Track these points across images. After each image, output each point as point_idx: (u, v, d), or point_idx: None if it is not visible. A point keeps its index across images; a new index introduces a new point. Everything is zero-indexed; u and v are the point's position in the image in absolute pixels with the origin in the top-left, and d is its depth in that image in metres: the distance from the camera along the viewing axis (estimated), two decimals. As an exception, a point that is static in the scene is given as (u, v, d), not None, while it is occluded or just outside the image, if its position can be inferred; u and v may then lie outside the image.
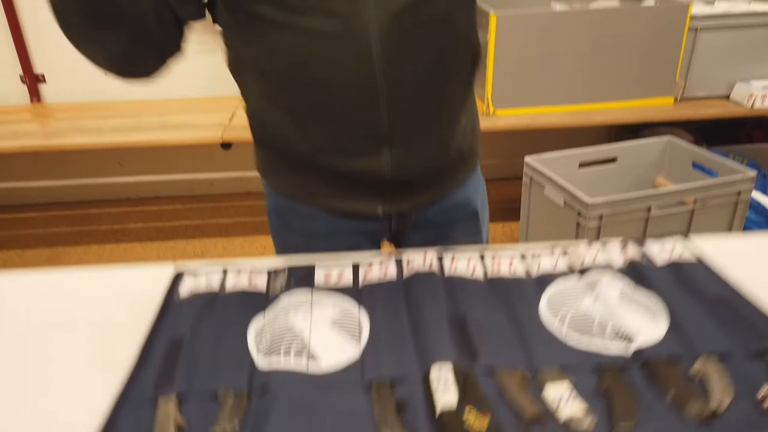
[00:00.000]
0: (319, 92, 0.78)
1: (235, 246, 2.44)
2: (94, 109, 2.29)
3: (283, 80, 0.79)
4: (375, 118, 0.78)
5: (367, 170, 0.83)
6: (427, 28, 0.76)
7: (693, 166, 1.99)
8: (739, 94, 2.11)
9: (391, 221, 0.93)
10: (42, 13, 2.29)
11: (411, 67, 0.77)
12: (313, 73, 0.76)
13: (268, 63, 0.78)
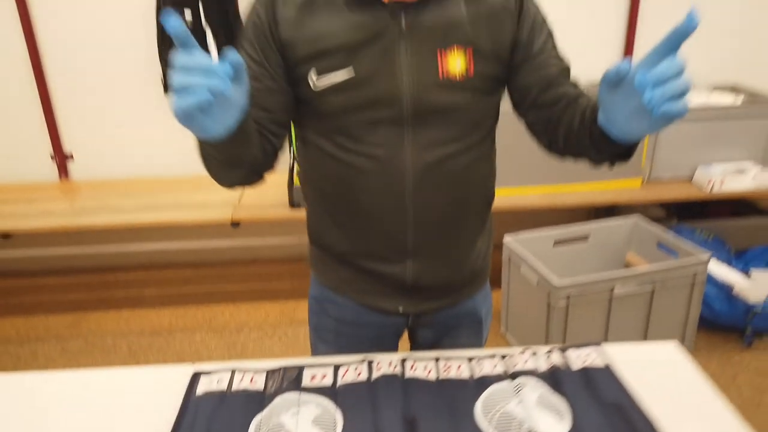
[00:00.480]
0: (362, 212, 1.03)
1: (240, 312, 2.64)
2: (117, 186, 2.53)
3: (335, 199, 1.05)
4: (403, 236, 1.03)
5: (393, 275, 1.06)
6: (450, 177, 1.01)
7: (658, 246, 2.19)
8: (700, 178, 2.33)
9: (409, 318, 1.14)
10: (72, 96, 2.56)
11: (435, 204, 1.02)
12: (358, 198, 1.01)
13: (326, 185, 1.05)
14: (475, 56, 0.95)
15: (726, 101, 2.41)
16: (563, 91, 0.98)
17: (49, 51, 2.49)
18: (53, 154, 2.63)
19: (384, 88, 0.94)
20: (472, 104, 0.99)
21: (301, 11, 0.93)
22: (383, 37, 0.93)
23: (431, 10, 0.94)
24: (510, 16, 0.97)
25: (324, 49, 0.93)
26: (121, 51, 2.50)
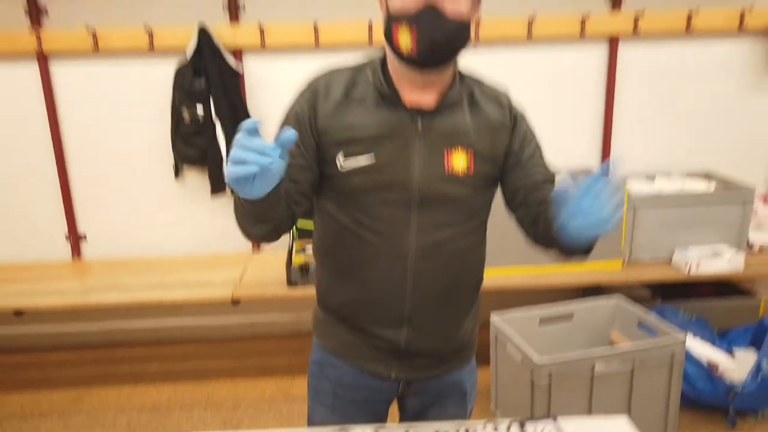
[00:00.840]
0: (367, 279, 1.19)
1: (238, 388, 2.71)
2: (126, 266, 2.67)
3: (344, 266, 1.22)
4: (401, 305, 1.19)
5: (389, 339, 1.22)
6: (447, 257, 1.19)
7: (639, 326, 2.28)
8: (678, 260, 2.44)
9: (399, 385, 1.28)
10: (89, 180, 2.75)
11: (432, 279, 1.19)
12: (364, 267, 1.19)
13: (338, 252, 1.22)
14: (475, 158, 1.16)
15: (699, 188, 2.56)
16: (545, 196, 1.17)
17: (71, 137, 2.71)
18: (68, 235, 2.79)
19: (398, 175, 1.14)
20: (471, 197, 1.19)
21: (338, 106, 1.15)
22: (402, 134, 1.14)
23: (443, 117, 1.16)
24: (506, 129, 1.20)
25: (353, 137, 1.13)
26: (137, 139, 2.71)
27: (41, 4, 2.56)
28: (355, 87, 1.17)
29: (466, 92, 1.19)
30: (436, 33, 1.06)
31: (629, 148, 2.82)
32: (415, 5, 1.05)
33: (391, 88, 1.15)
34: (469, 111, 1.18)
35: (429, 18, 1.05)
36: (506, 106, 1.22)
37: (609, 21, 2.63)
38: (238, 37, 2.57)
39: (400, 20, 1.07)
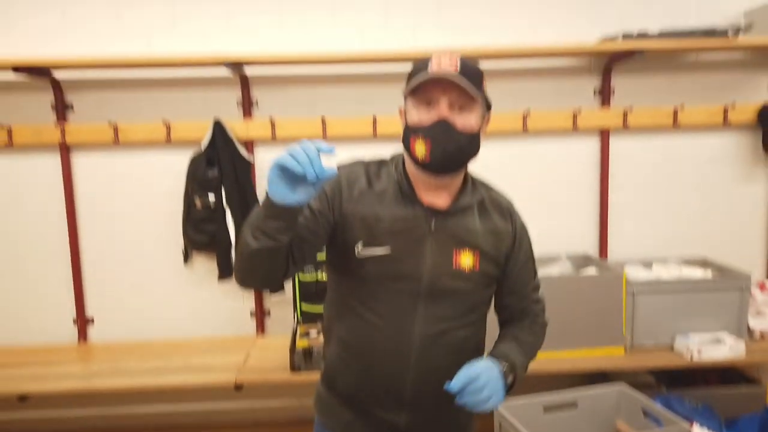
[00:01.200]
0: (372, 363, 1.26)
1: (238, 478, 2.64)
2: (131, 349, 2.69)
3: (352, 348, 1.29)
4: (402, 389, 1.26)
5: (390, 421, 1.28)
6: (448, 347, 1.27)
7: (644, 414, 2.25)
8: (680, 346, 2.45)
9: None
10: (100, 264, 2.82)
11: (433, 367, 1.26)
12: (371, 351, 1.26)
13: (346, 334, 1.30)
14: (481, 258, 1.28)
15: (696, 274, 2.61)
16: (524, 306, 1.39)
17: (86, 222, 2.81)
18: (75, 318, 2.83)
19: (410, 267, 1.24)
20: (474, 292, 1.30)
21: (362, 195, 1.26)
22: (416, 230, 1.25)
23: (455, 218, 1.28)
24: (509, 236, 1.33)
25: (373, 228, 1.24)
26: (149, 225, 2.81)
27: (68, 101, 2.75)
28: (378, 180, 1.28)
29: (477, 198, 1.31)
30: (447, 144, 1.18)
31: (625, 235, 2.90)
32: (429, 119, 1.19)
33: (410, 187, 1.26)
34: (479, 215, 1.30)
35: (441, 130, 1.18)
36: (510, 216, 1.36)
37: (599, 116, 2.80)
38: (250, 131, 2.73)
39: (416, 132, 1.20)
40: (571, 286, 2.44)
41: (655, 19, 2.72)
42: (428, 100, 1.20)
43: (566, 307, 2.42)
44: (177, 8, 2.72)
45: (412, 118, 1.22)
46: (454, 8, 2.76)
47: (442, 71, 1.17)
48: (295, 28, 2.75)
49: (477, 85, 1.20)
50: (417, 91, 1.20)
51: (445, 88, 1.18)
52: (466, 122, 1.20)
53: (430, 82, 1.18)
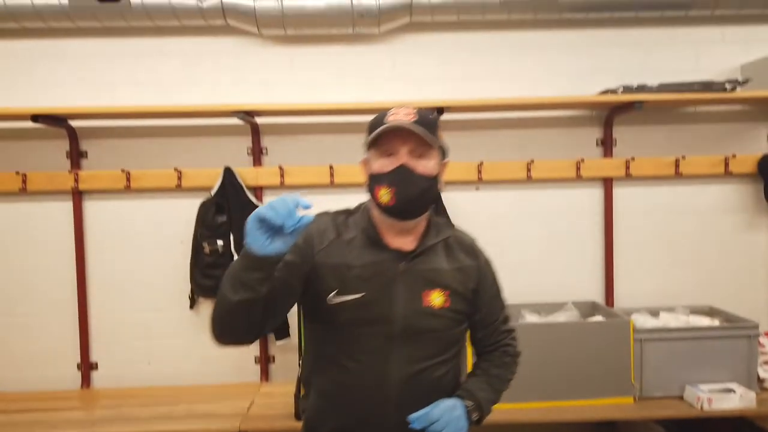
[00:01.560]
0: (351, 405, 1.29)
1: None
2: (135, 396, 2.66)
3: (330, 391, 1.32)
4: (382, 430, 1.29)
5: None
6: (425, 385, 1.31)
7: (655, 466, 2.20)
8: (690, 396, 2.42)
9: None
10: (106, 309, 2.83)
11: (412, 404, 1.27)
12: (349, 393, 1.29)
13: (325, 381, 1.34)
14: (450, 295, 1.34)
15: (704, 323, 2.60)
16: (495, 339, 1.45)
17: (94, 268, 2.83)
18: (80, 364, 2.82)
19: (382, 310, 1.29)
20: (446, 329, 1.35)
21: (331, 246, 1.32)
22: (386, 274, 1.30)
23: (422, 259, 1.34)
24: (474, 271, 1.40)
25: (344, 275, 1.29)
26: (157, 271, 2.83)
27: (82, 149, 2.82)
28: (346, 229, 1.35)
29: (441, 238, 1.39)
30: (409, 189, 1.26)
31: (631, 283, 2.91)
32: (391, 166, 1.26)
33: (377, 233, 1.33)
34: (445, 254, 1.38)
35: (403, 176, 1.25)
36: (474, 253, 1.43)
37: (602, 165, 2.85)
38: (260, 178, 2.79)
39: (380, 179, 1.28)
40: (578, 333, 2.43)
41: (656, 73, 2.80)
42: (389, 150, 1.28)
43: (573, 355, 2.40)
44: (190, 60, 2.82)
45: (374, 167, 1.29)
46: (458, 63, 2.86)
47: (400, 122, 1.25)
48: (304, 80, 2.84)
49: (433, 133, 1.28)
50: (378, 142, 1.28)
51: (403, 137, 1.26)
52: (426, 167, 1.28)
53: (389, 133, 1.26)
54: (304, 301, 1.36)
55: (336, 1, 2.64)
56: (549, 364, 2.40)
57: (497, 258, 1.50)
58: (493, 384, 1.42)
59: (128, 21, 2.68)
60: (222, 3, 2.63)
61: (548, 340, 2.41)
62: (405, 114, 1.27)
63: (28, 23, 2.67)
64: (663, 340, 2.48)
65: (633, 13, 2.75)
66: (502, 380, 1.45)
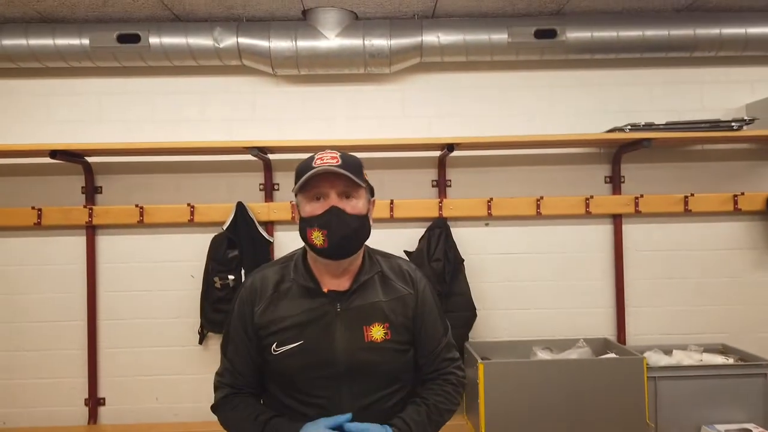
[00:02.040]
0: None
1: None
2: (141, 432, 2.64)
3: None
4: None
5: None
6: (380, 417, 1.32)
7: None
8: (706, 436, 2.38)
9: None
10: (115, 344, 2.82)
11: None
12: None
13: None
14: (390, 327, 1.36)
15: (718, 361, 2.57)
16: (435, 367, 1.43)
17: (104, 302, 2.84)
18: (87, 399, 2.80)
19: (324, 354, 1.31)
20: (391, 361, 1.37)
21: (270, 302, 1.35)
22: (324, 318, 1.33)
23: (357, 296, 1.36)
24: (412, 298, 1.41)
25: (283, 327, 1.33)
26: (166, 306, 2.84)
27: (97, 184, 2.87)
28: (283, 281, 1.38)
29: (375, 271, 1.40)
30: (341, 229, 1.29)
31: (643, 320, 2.89)
32: (321, 209, 1.29)
33: (312, 279, 1.36)
34: (381, 286, 1.39)
35: (334, 217, 1.28)
36: (411, 279, 1.43)
37: (611, 202, 2.87)
38: (271, 214, 2.82)
39: (311, 223, 1.30)
40: (591, 370, 2.40)
41: (662, 113, 2.86)
42: (317, 194, 1.31)
43: (586, 393, 2.37)
44: (206, 98, 2.90)
45: (305, 211, 1.32)
46: (468, 102, 2.92)
47: (326, 166, 1.29)
48: (316, 118, 2.91)
49: (358, 174, 1.32)
50: (306, 187, 1.31)
51: (331, 180, 1.30)
52: (355, 207, 1.32)
53: (317, 177, 1.29)
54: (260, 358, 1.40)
55: (348, 42, 2.72)
56: (561, 402, 2.37)
57: (507, 294, 1.51)
58: (431, 414, 1.38)
59: (146, 61, 2.76)
60: (238, 44, 2.71)
61: (561, 377, 2.38)
62: (330, 157, 1.31)
63: (50, 63, 2.76)
64: (677, 378, 2.45)
65: (638, 54, 2.82)
66: (440, 410, 1.41)
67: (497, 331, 2.88)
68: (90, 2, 2.57)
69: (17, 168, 2.85)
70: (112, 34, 2.69)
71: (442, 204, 2.83)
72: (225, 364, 1.41)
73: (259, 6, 2.66)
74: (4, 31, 2.67)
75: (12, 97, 2.87)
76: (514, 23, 2.73)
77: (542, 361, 2.52)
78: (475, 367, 2.39)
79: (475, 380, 2.38)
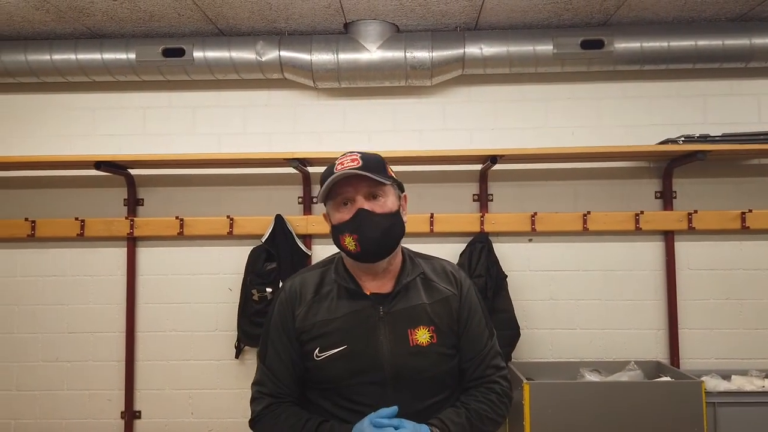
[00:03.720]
0: None
1: None
2: (175, 447, 2.60)
3: None
4: None
5: None
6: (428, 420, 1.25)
7: None
8: (772, 469, 2.20)
9: None
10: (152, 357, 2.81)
11: None
12: None
13: None
14: (436, 330, 1.30)
15: (782, 387, 2.40)
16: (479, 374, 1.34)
17: (143, 315, 2.84)
18: (123, 412, 2.78)
19: (369, 358, 1.26)
20: (437, 365, 1.30)
21: (310, 306, 1.31)
22: (368, 321, 1.28)
23: (401, 299, 1.31)
24: (456, 300, 1.35)
25: (325, 331, 1.28)
26: (204, 318, 2.82)
27: (139, 196, 2.89)
28: (323, 284, 1.34)
29: (417, 273, 1.36)
30: (372, 231, 1.25)
31: (697, 343, 2.73)
32: (349, 214, 1.26)
33: (353, 282, 1.32)
34: (423, 288, 1.34)
35: (363, 220, 1.25)
36: (455, 279, 1.38)
37: (663, 218, 2.74)
38: (309, 227, 2.79)
39: (341, 229, 1.27)
40: (644, 394, 2.27)
41: (716, 126, 2.73)
42: (344, 200, 1.28)
43: (638, 418, 2.23)
44: (247, 112, 2.91)
45: (335, 218, 1.30)
46: (510, 114, 2.86)
47: (347, 169, 1.25)
48: (356, 130, 2.88)
49: (381, 172, 1.29)
50: (332, 195, 1.29)
51: (354, 183, 1.27)
52: (384, 206, 1.28)
53: (340, 182, 1.27)
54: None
55: (390, 55, 2.70)
56: (612, 427, 2.24)
57: (552, 313, 1.42)
58: (472, 418, 1.29)
59: (190, 75, 2.79)
60: (280, 57, 2.72)
61: (612, 400, 2.25)
62: (351, 160, 1.28)
63: (97, 77, 2.81)
64: (739, 404, 2.29)
65: (690, 65, 2.71)
66: (482, 417, 1.30)
67: (541, 351, 2.77)
68: (137, 17, 2.62)
69: (62, 180, 2.90)
70: (158, 48, 2.73)
71: (484, 218, 2.75)
72: (263, 371, 1.34)
73: (301, 20, 2.67)
74: (55, 47, 2.74)
75: (59, 111, 2.93)
76: (559, 34, 2.67)
77: (592, 382, 2.40)
78: (519, 387, 2.28)
79: (519, 401, 2.27)
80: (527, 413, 2.25)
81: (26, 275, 2.87)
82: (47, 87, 2.91)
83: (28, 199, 2.89)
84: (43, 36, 2.79)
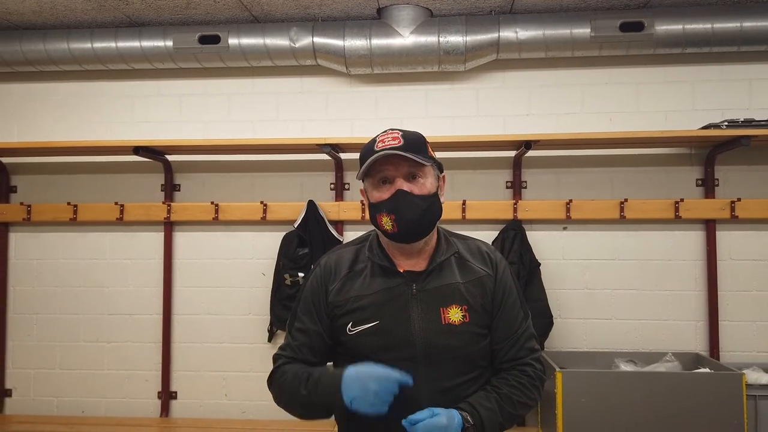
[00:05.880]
0: None
1: None
2: (211, 428, 2.66)
3: (364, 427, 1.23)
4: None
5: None
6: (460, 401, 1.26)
7: None
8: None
9: None
10: (188, 338, 2.87)
11: None
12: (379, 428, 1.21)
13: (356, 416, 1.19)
14: (469, 310, 1.30)
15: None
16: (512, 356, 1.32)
17: (179, 297, 2.90)
18: (160, 393, 2.85)
19: (401, 334, 1.27)
20: (469, 345, 1.29)
21: (343, 282, 1.32)
22: (400, 298, 1.29)
23: (434, 277, 1.31)
24: (491, 280, 1.34)
25: (359, 306, 1.29)
26: (238, 302, 2.87)
27: (175, 182, 2.95)
28: (357, 261, 1.35)
29: (452, 252, 1.35)
30: (409, 212, 1.25)
31: (738, 335, 2.65)
32: (388, 193, 1.26)
33: (387, 259, 1.32)
34: (458, 268, 1.33)
35: (401, 200, 1.25)
36: (491, 259, 1.36)
37: (704, 206, 2.65)
38: (341, 213, 2.80)
39: (379, 208, 1.28)
40: (682, 385, 2.21)
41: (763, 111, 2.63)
42: (383, 178, 1.28)
43: (675, 409, 2.18)
44: (281, 98, 2.93)
45: (373, 196, 1.30)
46: (546, 100, 2.81)
47: (388, 148, 1.24)
48: (389, 116, 2.88)
49: (422, 152, 1.27)
50: (371, 172, 1.29)
51: (394, 163, 1.26)
52: (423, 187, 1.27)
53: (380, 161, 1.26)
54: (331, 339, 1.36)
55: (423, 40, 2.67)
56: (648, 419, 2.19)
57: (586, 302, 1.39)
58: (503, 403, 1.27)
59: (225, 62, 2.83)
60: (313, 43, 2.73)
61: (648, 391, 2.20)
62: (392, 139, 1.26)
63: (136, 64, 2.87)
64: (782, 402, 2.21)
65: (735, 47, 2.62)
66: (513, 401, 1.29)
67: (575, 340, 2.72)
68: (174, 5, 2.66)
69: (102, 166, 2.97)
70: (194, 35, 2.77)
71: (517, 205, 2.72)
72: (288, 339, 1.37)
73: (334, 5, 2.67)
74: (96, 35, 2.81)
75: (100, 99, 3.01)
76: (598, 16, 2.60)
77: (628, 372, 2.35)
78: (552, 376, 2.25)
79: (552, 390, 2.24)
80: (560, 402, 2.22)
81: (68, 258, 2.96)
82: (89, 75, 2.99)
83: (70, 184, 2.98)
84: (85, 25, 2.87)
